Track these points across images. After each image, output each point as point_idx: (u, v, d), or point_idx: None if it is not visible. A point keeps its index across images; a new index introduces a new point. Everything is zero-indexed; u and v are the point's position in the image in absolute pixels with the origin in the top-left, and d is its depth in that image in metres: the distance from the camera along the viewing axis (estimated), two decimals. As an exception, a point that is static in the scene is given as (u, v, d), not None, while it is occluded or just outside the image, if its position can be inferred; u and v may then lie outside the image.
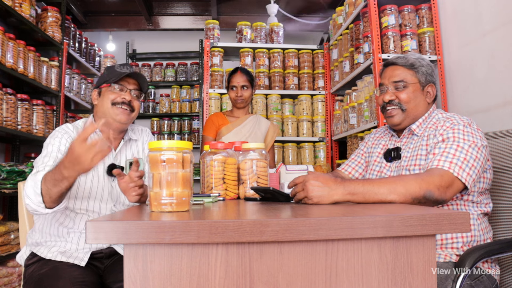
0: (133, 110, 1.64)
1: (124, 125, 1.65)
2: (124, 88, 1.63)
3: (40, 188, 1.29)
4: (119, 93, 1.62)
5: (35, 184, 1.30)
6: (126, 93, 1.63)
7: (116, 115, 1.60)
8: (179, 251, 0.77)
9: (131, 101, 1.63)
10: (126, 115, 1.62)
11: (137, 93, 1.67)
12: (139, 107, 1.69)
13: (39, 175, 1.32)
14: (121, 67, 1.64)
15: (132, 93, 1.65)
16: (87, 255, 1.53)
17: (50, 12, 3.71)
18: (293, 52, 3.83)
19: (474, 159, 1.31)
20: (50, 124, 3.57)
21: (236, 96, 2.67)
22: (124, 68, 1.64)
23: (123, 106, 1.61)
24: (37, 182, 1.30)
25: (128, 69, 1.64)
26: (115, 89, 1.62)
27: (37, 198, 1.30)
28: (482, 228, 1.39)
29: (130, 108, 1.63)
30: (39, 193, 1.29)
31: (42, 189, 1.28)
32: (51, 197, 1.29)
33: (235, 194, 1.52)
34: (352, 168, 1.75)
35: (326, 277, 0.80)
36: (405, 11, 2.82)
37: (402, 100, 1.52)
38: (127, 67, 1.65)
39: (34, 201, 1.31)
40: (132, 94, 1.65)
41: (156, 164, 0.98)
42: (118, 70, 1.63)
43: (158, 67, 5.60)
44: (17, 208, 1.72)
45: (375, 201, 1.16)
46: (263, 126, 2.76)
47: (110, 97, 1.61)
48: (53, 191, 1.27)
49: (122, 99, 1.61)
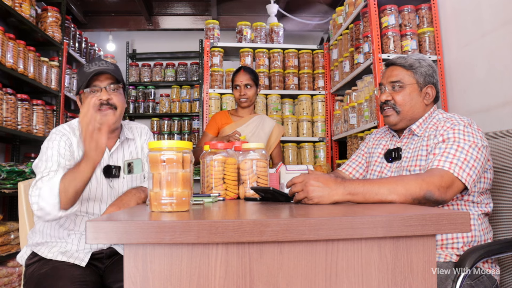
0: (116, 107, 1.56)
1: (113, 125, 1.59)
2: (98, 88, 1.54)
3: (58, 189, 1.26)
4: (95, 95, 1.54)
5: (53, 185, 1.28)
6: (102, 93, 1.55)
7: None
8: (179, 251, 0.77)
9: (109, 99, 1.55)
10: (110, 115, 1.55)
11: (114, 87, 1.57)
12: (123, 101, 1.60)
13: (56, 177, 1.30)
14: (90, 65, 1.55)
15: (108, 89, 1.55)
16: (87, 255, 1.53)
17: (50, 12, 3.71)
18: (293, 52, 3.83)
19: (474, 159, 1.31)
20: (50, 124, 3.57)
21: (240, 95, 2.66)
22: (93, 65, 1.55)
23: (103, 108, 1.54)
24: (55, 183, 1.28)
25: (97, 65, 1.55)
26: (90, 92, 1.55)
27: (54, 199, 1.27)
28: (482, 228, 1.39)
29: (112, 106, 1.55)
30: (56, 193, 1.26)
31: (60, 189, 1.26)
32: (67, 195, 1.28)
33: (235, 194, 1.52)
34: (353, 168, 1.75)
35: (326, 277, 0.80)
36: (405, 11, 2.82)
37: (397, 102, 1.52)
38: (95, 62, 1.56)
39: (50, 202, 1.28)
40: (108, 90, 1.55)
41: (156, 164, 0.98)
42: (86, 70, 1.54)
43: (158, 67, 5.60)
44: (17, 208, 1.72)
45: (375, 201, 1.16)
46: (267, 127, 2.74)
47: None
48: (70, 187, 1.26)
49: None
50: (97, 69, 1.54)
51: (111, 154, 1.63)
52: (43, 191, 1.31)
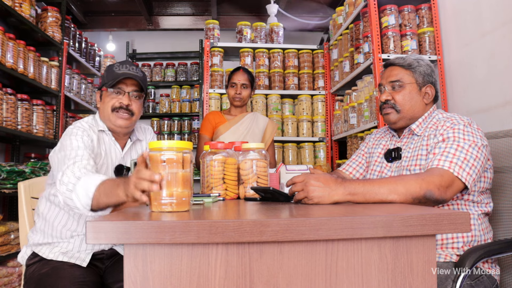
0: (133, 114, 1.60)
1: (126, 129, 1.62)
2: (122, 91, 1.58)
3: (93, 193, 1.25)
4: (117, 97, 1.58)
5: (88, 189, 1.26)
6: (125, 97, 1.58)
7: (115, 121, 1.57)
8: (179, 251, 0.77)
9: (129, 105, 1.58)
10: (125, 120, 1.58)
11: (137, 94, 1.61)
12: (140, 109, 1.64)
13: (93, 181, 1.26)
14: (120, 66, 1.59)
15: (130, 95, 1.59)
16: (88, 255, 1.53)
17: (50, 12, 3.71)
18: (293, 52, 3.83)
19: (474, 159, 1.31)
20: (50, 124, 3.57)
21: (235, 93, 2.67)
22: (123, 68, 1.58)
23: (122, 112, 1.57)
24: (91, 188, 1.25)
25: (127, 68, 1.58)
26: (113, 93, 1.58)
27: (87, 201, 1.26)
28: (482, 228, 1.39)
29: (129, 112, 1.59)
30: (91, 197, 1.25)
31: (94, 195, 1.25)
32: (99, 205, 1.26)
33: (235, 194, 1.52)
34: (353, 168, 1.75)
35: (326, 277, 0.80)
36: (405, 11, 2.82)
37: (397, 101, 1.52)
38: (126, 65, 1.59)
39: (82, 202, 1.27)
40: (131, 96, 1.59)
41: (156, 164, 0.98)
42: (116, 71, 1.57)
43: (158, 67, 5.60)
44: (17, 208, 1.72)
45: (375, 201, 1.16)
46: (261, 123, 2.76)
47: (109, 102, 1.57)
48: (102, 200, 1.24)
49: (120, 104, 1.57)
50: (127, 73, 1.56)
51: (123, 155, 1.65)
52: (78, 189, 1.27)
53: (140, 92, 1.62)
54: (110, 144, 1.62)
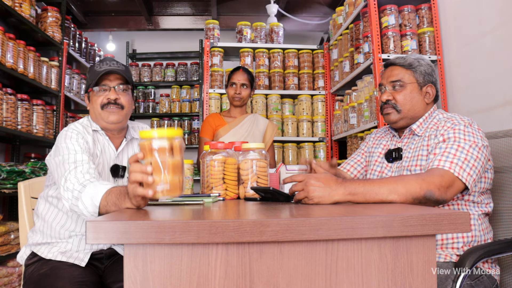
0: (122, 107, 1.57)
1: (119, 124, 1.60)
2: (107, 88, 1.56)
3: (99, 203, 1.25)
4: (103, 94, 1.56)
5: (95, 197, 1.25)
6: (111, 92, 1.55)
7: (107, 118, 1.56)
8: (179, 251, 0.77)
9: (117, 99, 1.56)
10: (116, 114, 1.56)
11: (123, 87, 1.58)
12: (130, 101, 1.61)
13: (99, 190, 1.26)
14: (101, 64, 1.57)
15: (116, 89, 1.56)
16: (87, 255, 1.53)
17: (50, 12, 3.71)
18: (293, 52, 3.83)
19: (474, 159, 1.31)
20: (50, 124, 3.57)
21: (235, 93, 2.66)
22: (104, 65, 1.56)
23: (111, 107, 1.55)
24: (97, 197, 1.25)
25: (108, 64, 1.56)
26: (99, 91, 1.56)
27: (94, 209, 1.26)
28: (482, 228, 1.39)
29: (119, 106, 1.56)
30: (97, 205, 1.25)
31: (101, 204, 1.24)
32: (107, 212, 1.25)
33: (235, 194, 1.52)
34: (350, 165, 1.75)
35: (326, 277, 0.80)
36: (405, 11, 2.82)
37: (398, 101, 1.52)
38: (106, 62, 1.57)
39: (90, 210, 1.27)
40: (117, 90, 1.56)
41: (146, 152, 1.00)
42: (97, 69, 1.55)
43: (158, 67, 5.60)
44: (17, 208, 1.72)
45: (375, 201, 1.16)
46: (261, 125, 2.76)
47: (97, 100, 1.56)
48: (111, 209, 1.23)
49: (108, 100, 1.55)
50: (108, 68, 1.55)
51: (118, 154, 1.64)
52: (84, 198, 1.27)
53: (126, 85, 1.59)
54: (104, 143, 1.61)
